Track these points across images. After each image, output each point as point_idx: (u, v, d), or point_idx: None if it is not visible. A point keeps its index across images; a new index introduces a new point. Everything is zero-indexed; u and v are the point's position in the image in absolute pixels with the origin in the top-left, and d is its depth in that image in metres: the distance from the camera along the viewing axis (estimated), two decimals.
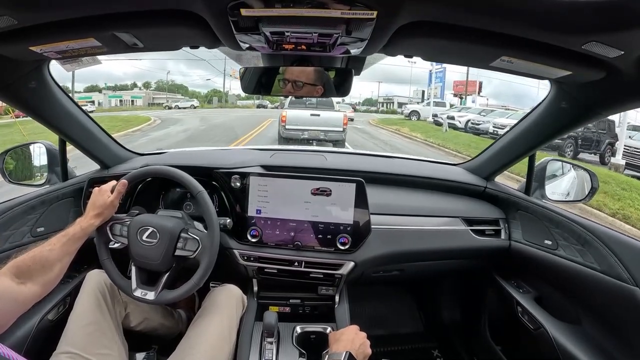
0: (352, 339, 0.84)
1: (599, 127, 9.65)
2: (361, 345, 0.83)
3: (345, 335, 0.86)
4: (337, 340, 0.84)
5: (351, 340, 0.83)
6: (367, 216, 1.15)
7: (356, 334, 0.87)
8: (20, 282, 0.74)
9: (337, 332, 0.89)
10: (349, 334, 0.86)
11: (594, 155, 10.01)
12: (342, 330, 0.90)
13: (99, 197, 0.96)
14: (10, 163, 1.27)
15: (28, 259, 0.77)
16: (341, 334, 0.87)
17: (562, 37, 0.59)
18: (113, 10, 0.62)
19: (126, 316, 1.08)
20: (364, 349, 0.83)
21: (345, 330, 0.89)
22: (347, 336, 0.85)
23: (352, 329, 0.89)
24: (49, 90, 1.02)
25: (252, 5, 0.55)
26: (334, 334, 0.89)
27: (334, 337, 0.87)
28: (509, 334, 1.34)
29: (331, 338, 0.88)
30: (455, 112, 16.54)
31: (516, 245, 1.28)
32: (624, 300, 0.88)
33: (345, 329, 0.90)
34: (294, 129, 7.68)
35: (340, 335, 0.87)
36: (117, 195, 0.98)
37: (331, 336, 0.89)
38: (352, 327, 0.91)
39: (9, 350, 0.50)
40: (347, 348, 0.80)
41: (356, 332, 0.88)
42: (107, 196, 0.96)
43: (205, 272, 1.00)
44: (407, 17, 0.60)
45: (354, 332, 0.87)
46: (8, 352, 0.50)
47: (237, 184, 1.21)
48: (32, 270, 0.76)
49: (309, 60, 0.93)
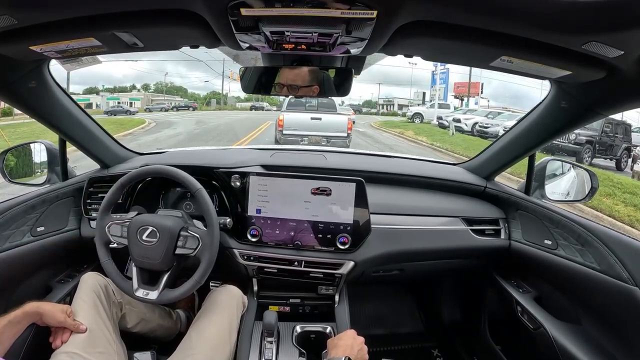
0: (351, 344, 0.85)
1: (615, 131, 9.31)
2: (359, 351, 0.84)
3: (344, 340, 0.86)
4: (336, 346, 0.85)
5: (350, 346, 0.84)
6: (367, 216, 1.15)
7: (354, 339, 0.87)
8: None
9: (335, 338, 0.90)
10: (347, 339, 0.87)
11: (610, 160, 9.60)
12: (340, 336, 0.90)
13: (54, 311, 0.88)
14: (10, 162, 1.27)
15: None
16: (339, 340, 0.87)
17: (562, 37, 0.60)
18: (113, 9, 0.62)
19: (122, 317, 1.07)
20: (363, 354, 0.84)
21: (343, 335, 0.89)
22: (345, 341, 0.85)
23: (350, 334, 0.89)
24: (49, 90, 1.02)
25: (252, 4, 0.55)
26: (332, 340, 0.90)
27: (332, 343, 0.88)
28: (509, 334, 1.34)
29: (329, 344, 0.89)
30: (461, 114, 16.14)
31: (516, 245, 1.28)
32: (624, 300, 0.88)
33: (343, 333, 0.90)
34: (292, 135, 6.74)
35: (338, 340, 0.87)
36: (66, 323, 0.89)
37: (329, 342, 0.90)
38: (350, 331, 0.91)
39: None
40: (346, 353, 0.81)
41: (354, 336, 0.88)
42: (60, 316, 0.88)
43: (206, 270, 1.00)
44: (407, 17, 0.60)
45: (352, 337, 0.88)
46: None
47: (237, 184, 1.21)
48: None
49: (308, 60, 0.93)
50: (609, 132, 9.34)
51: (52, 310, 0.88)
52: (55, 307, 0.89)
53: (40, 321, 0.88)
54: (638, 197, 5.46)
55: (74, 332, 0.89)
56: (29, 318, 0.86)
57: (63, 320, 0.88)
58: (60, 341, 0.87)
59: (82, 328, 0.89)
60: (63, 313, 0.89)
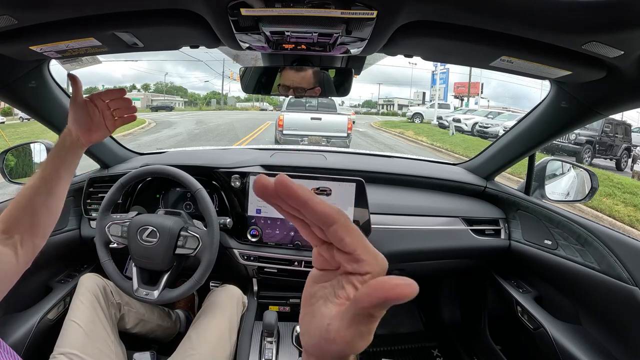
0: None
1: (615, 131, 9.30)
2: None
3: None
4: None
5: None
6: (367, 216, 1.15)
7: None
8: (6, 237, 0.61)
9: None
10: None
11: (610, 160, 9.59)
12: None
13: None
14: (10, 162, 1.27)
15: (11, 209, 0.63)
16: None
17: (562, 37, 0.59)
18: (113, 9, 0.62)
19: (121, 318, 1.08)
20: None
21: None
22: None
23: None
24: (49, 90, 1.02)
25: (252, 4, 0.55)
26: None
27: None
28: (509, 334, 1.34)
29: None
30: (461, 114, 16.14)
31: (516, 245, 1.28)
32: (624, 300, 0.88)
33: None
34: (292, 134, 6.80)
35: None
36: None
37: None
38: None
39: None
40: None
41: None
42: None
43: (206, 270, 1.00)
44: (407, 17, 0.60)
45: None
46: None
47: (237, 184, 1.21)
48: (18, 220, 0.62)
49: (308, 60, 0.93)
50: (609, 132, 9.31)
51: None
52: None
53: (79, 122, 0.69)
54: (638, 197, 5.43)
55: (73, 328, 0.87)
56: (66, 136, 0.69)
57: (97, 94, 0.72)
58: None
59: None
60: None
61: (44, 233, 0.66)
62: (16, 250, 0.61)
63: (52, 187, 0.66)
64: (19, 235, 0.62)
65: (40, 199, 0.65)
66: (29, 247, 0.63)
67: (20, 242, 0.62)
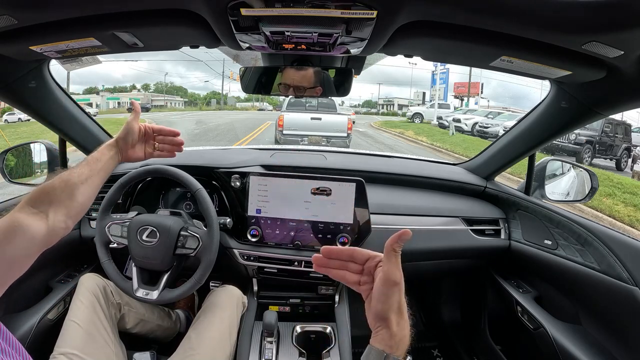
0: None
1: (615, 131, 9.28)
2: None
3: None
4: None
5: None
6: (367, 216, 1.15)
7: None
8: (35, 212, 0.63)
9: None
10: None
11: (610, 160, 9.57)
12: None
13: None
14: (10, 162, 1.27)
15: (46, 185, 0.66)
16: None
17: (562, 37, 0.59)
18: (113, 9, 0.62)
19: (121, 318, 1.07)
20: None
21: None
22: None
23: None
24: (49, 90, 1.02)
25: (252, 4, 0.55)
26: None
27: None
28: (509, 334, 1.34)
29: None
30: (461, 114, 16.08)
31: (516, 245, 1.28)
32: (624, 300, 0.88)
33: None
34: (292, 134, 6.79)
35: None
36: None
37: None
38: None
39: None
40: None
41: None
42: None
43: (206, 270, 1.00)
44: (407, 17, 0.60)
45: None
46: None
47: (237, 184, 1.21)
48: (51, 196, 0.65)
49: (309, 60, 0.93)
50: (609, 132, 9.30)
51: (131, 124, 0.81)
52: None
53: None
54: (638, 197, 5.42)
55: (73, 328, 0.88)
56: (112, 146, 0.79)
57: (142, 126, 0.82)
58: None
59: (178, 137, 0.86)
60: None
61: (76, 213, 0.70)
62: (46, 221, 0.64)
63: (88, 177, 0.72)
64: (52, 211, 0.65)
65: (77, 186, 0.70)
66: (61, 224, 0.67)
67: (54, 215, 0.65)
